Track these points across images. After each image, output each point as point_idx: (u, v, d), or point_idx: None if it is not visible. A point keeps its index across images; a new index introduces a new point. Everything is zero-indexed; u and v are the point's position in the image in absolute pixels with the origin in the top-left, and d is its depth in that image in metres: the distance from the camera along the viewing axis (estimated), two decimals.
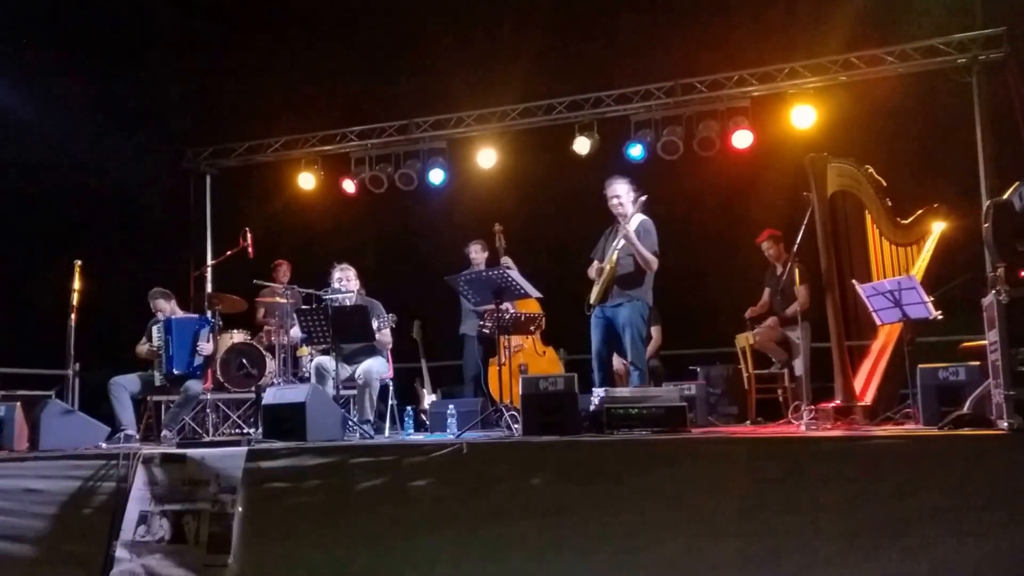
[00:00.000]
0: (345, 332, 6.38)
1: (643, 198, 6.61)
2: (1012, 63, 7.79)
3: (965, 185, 7.80)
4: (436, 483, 4.38)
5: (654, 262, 6.51)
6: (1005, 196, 4.51)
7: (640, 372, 6.47)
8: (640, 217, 6.64)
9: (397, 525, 4.34)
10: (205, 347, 7.20)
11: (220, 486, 4.59)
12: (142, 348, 7.25)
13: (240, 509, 4.47)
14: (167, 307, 7.39)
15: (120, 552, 4.70)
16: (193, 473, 4.71)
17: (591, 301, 6.66)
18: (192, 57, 9.70)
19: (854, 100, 8.49)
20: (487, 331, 6.83)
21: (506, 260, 7.86)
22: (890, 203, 6.18)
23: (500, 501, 4.27)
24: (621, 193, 6.66)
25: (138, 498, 4.78)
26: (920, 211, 6.17)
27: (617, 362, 8.15)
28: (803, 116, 8.57)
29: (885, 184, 6.16)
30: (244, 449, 4.70)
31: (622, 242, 6.54)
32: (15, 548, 4.77)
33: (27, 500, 4.85)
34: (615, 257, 6.56)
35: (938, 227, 6.13)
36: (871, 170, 6.14)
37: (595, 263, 6.70)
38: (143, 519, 4.73)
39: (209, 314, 7.72)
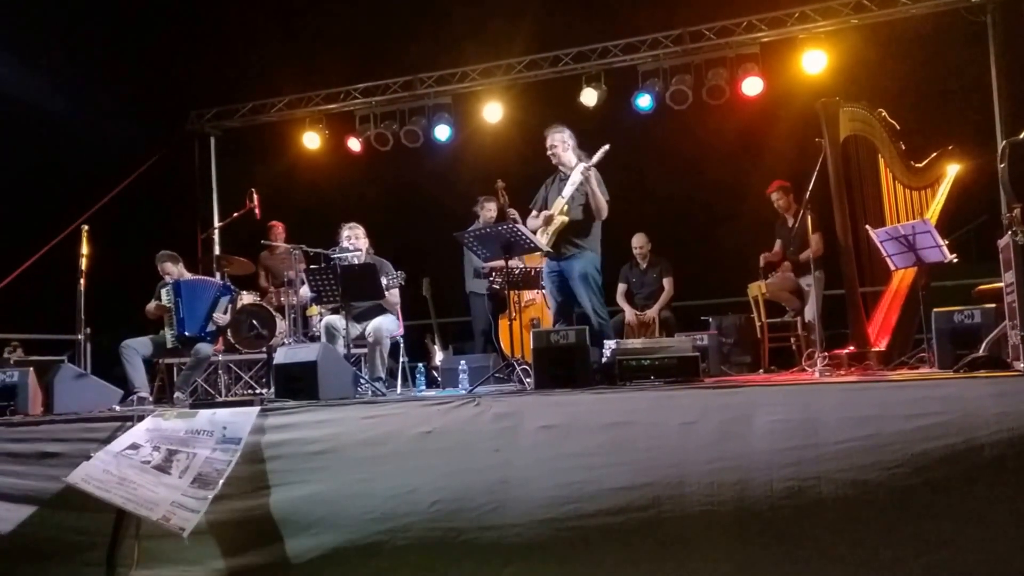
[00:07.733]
0: (354, 291, 6.36)
1: (605, 148, 6.17)
2: None
3: (980, 126, 7.71)
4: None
5: (606, 210, 6.18)
6: (1021, 136, 4.44)
7: (604, 322, 6.20)
8: (585, 166, 6.23)
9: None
10: (222, 317, 7.20)
11: (225, 437, 4.54)
12: (151, 306, 7.24)
13: (238, 458, 4.41)
14: (175, 270, 7.37)
15: (100, 454, 4.55)
16: (201, 424, 4.68)
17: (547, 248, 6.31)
18: (193, 17, 9.58)
19: (866, 43, 8.35)
20: (497, 287, 6.79)
21: (513, 214, 7.81)
22: (904, 146, 6.09)
23: None
24: (557, 143, 6.38)
25: (135, 434, 4.70)
26: (934, 154, 6.08)
27: (630, 313, 8.15)
28: (814, 61, 8.45)
29: (898, 127, 6.07)
30: (256, 408, 4.70)
31: (570, 190, 6.18)
32: (31, 511, 4.76)
33: (43, 464, 4.84)
34: (565, 207, 6.23)
35: (953, 169, 6.03)
36: (884, 113, 6.04)
37: (533, 214, 6.44)
38: (134, 446, 4.61)
39: (221, 279, 7.71)
